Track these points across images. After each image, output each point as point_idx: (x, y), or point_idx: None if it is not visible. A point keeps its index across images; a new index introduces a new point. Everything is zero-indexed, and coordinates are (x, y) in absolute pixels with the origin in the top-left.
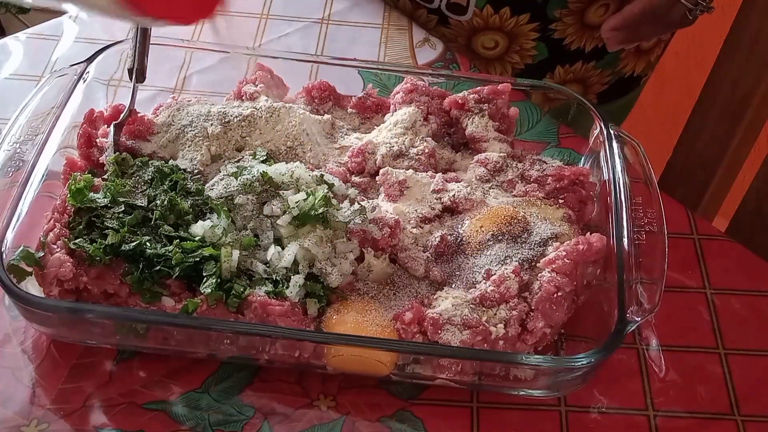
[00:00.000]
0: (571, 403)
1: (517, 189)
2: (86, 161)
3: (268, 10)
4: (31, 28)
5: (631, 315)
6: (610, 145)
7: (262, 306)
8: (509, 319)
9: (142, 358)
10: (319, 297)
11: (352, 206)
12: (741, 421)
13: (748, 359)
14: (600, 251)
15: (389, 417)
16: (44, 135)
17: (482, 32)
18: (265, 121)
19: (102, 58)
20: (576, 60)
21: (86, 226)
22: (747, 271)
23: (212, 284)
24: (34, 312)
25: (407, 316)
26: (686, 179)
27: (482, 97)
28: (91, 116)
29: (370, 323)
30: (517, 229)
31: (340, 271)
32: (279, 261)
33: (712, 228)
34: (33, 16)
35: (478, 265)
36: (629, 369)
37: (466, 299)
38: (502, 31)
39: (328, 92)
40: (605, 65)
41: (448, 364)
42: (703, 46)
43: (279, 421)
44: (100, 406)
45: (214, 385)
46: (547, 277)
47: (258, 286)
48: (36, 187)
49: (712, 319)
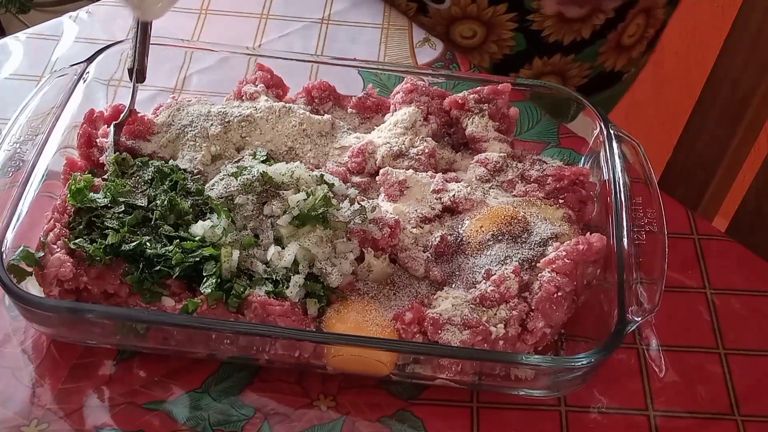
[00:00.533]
0: (571, 403)
1: (517, 189)
2: (86, 161)
3: (268, 10)
4: (31, 28)
5: (631, 315)
6: (610, 145)
7: (262, 306)
8: (509, 319)
9: (142, 358)
10: (319, 297)
11: (352, 206)
12: (741, 421)
13: (748, 359)
14: (600, 251)
15: (389, 417)
16: (44, 135)
17: (460, 21)
18: (265, 121)
19: (102, 58)
20: (554, 52)
21: (86, 226)
22: (747, 271)
23: (212, 284)
24: (34, 312)
25: (407, 316)
26: (686, 179)
27: (482, 97)
28: (91, 116)
29: (370, 323)
30: (517, 229)
31: (340, 271)
32: (279, 261)
33: (712, 228)
34: (33, 16)
35: (478, 265)
36: (629, 369)
37: (466, 299)
38: (479, 21)
39: (328, 92)
40: (584, 59)
41: (448, 364)
42: (703, 46)
43: (279, 421)
44: (100, 406)
45: (214, 385)
46: (547, 277)
47: (258, 286)
48: (36, 187)
49: (712, 319)
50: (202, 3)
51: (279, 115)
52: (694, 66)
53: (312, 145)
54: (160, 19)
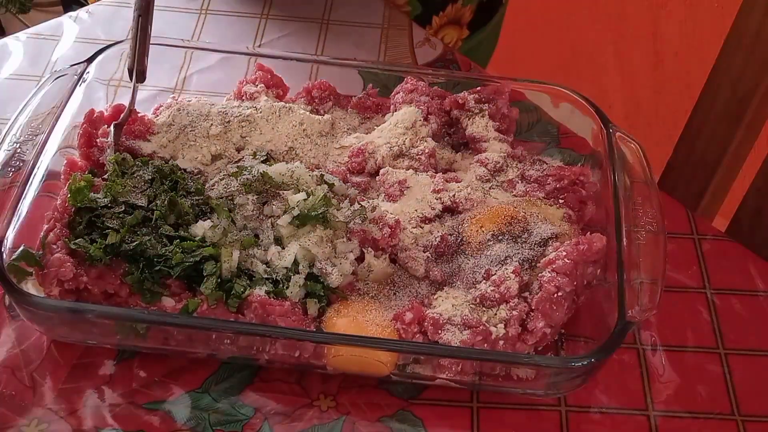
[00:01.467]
0: (571, 404)
1: (517, 189)
2: (87, 161)
3: (268, 11)
4: (31, 28)
5: (631, 315)
6: (609, 145)
7: (262, 305)
8: (509, 319)
9: (142, 358)
10: (319, 297)
11: (352, 206)
12: (741, 421)
13: (748, 359)
14: (600, 251)
15: (389, 417)
16: (44, 135)
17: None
18: (265, 121)
19: (102, 58)
20: (445, 4)
21: (86, 225)
22: (747, 271)
23: (212, 284)
24: (34, 312)
25: (407, 316)
26: (686, 179)
27: (482, 97)
28: (91, 116)
29: (370, 323)
30: (517, 229)
31: (340, 271)
32: (279, 261)
33: (712, 228)
34: (33, 16)
35: (479, 265)
36: (629, 369)
37: (466, 299)
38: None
39: (328, 92)
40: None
41: (449, 364)
42: (703, 46)
43: (279, 421)
44: (100, 406)
45: (214, 385)
46: (547, 277)
47: (258, 285)
48: (36, 187)
49: (712, 319)
50: (202, 3)
51: (279, 115)
52: (694, 66)
53: (312, 145)
54: (160, 19)
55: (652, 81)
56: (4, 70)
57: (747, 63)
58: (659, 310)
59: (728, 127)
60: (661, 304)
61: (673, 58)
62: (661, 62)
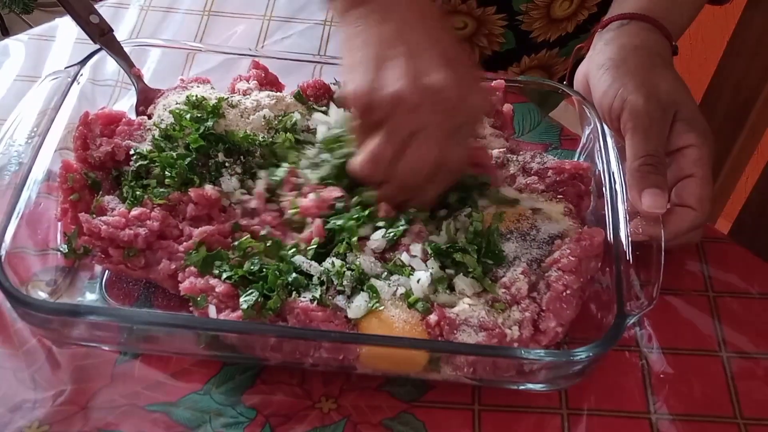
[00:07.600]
0: (573, 406)
1: (517, 182)
2: (82, 163)
3: (271, 12)
4: (33, 29)
5: (629, 308)
6: (603, 140)
7: (304, 312)
8: (522, 321)
9: (143, 360)
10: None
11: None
12: (743, 424)
13: (749, 362)
14: (601, 245)
15: (391, 419)
16: (40, 137)
17: (451, 14)
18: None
19: (96, 60)
20: (541, 49)
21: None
22: (749, 273)
23: (251, 301)
24: (33, 315)
25: (431, 318)
26: None
27: None
28: (86, 119)
29: (397, 319)
30: (525, 226)
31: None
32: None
33: (714, 230)
34: (37, 16)
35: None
36: (629, 370)
37: (480, 301)
38: (471, 16)
39: (323, 90)
40: (568, 53)
41: (462, 363)
42: (706, 49)
43: (280, 423)
44: (102, 407)
45: (216, 387)
46: (554, 276)
47: (305, 291)
48: (34, 189)
49: (714, 321)
50: (205, 4)
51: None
52: (696, 68)
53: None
54: (163, 21)
55: None
56: (7, 70)
57: (749, 67)
58: (659, 311)
59: (731, 130)
60: (661, 306)
61: (675, 60)
62: None
